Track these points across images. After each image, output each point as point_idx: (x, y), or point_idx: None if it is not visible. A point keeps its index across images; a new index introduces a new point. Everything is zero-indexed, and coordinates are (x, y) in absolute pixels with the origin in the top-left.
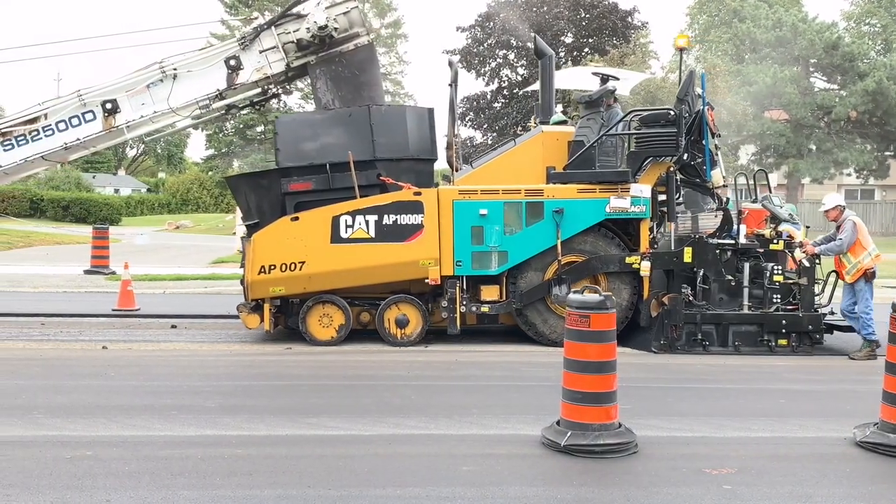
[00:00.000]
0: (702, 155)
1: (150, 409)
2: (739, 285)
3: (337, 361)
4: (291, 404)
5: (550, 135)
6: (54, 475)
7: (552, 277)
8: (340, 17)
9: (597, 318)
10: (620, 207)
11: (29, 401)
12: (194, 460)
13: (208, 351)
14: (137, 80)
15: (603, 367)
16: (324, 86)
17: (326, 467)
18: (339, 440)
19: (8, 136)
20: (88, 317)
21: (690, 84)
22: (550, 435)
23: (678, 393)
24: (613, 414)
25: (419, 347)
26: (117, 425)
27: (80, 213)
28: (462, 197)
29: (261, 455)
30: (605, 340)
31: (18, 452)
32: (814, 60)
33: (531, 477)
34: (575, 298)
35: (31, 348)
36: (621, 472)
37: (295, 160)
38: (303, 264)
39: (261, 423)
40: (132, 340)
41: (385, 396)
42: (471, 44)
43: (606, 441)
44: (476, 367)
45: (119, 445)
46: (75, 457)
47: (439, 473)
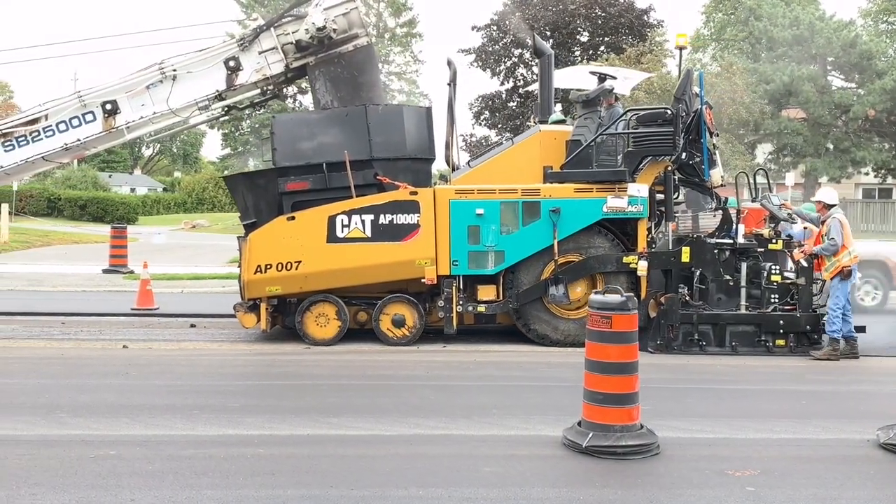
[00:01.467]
0: (700, 154)
1: (172, 409)
2: (737, 285)
3: (356, 361)
4: (312, 404)
5: (548, 134)
6: (79, 474)
7: (549, 277)
8: (339, 18)
9: (618, 318)
10: (618, 207)
11: (52, 400)
12: (217, 460)
13: (228, 350)
14: (137, 80)
15: (625, 369)
16: (323, 87)
17: (348, 467)
18: (359, 440)
19: (9, 136)
20: (108, 316)
21: (688, 83)
22: (572, 436)
23: (697, 394)
24: (635, 415)
25: (437, 347)
26: (140, 425)
27: (96, 213)
28: (458, 196)
29: (283, 455)
30: (627, 341)
31: (43, 451)
32: (831, 59)
33: (553, 478)
34: (596, 299)
35: (52, 347)
36: (644, 473)
37: (292, 159)
38: (299, 264)
39: (283, 423)
40: (152, 340)
41: (405, 396)
42: (486, 42)
43: (628, 442)
44: (494, 368)
45: (142, 445)
46: (99, 456)
47: (461, 474)
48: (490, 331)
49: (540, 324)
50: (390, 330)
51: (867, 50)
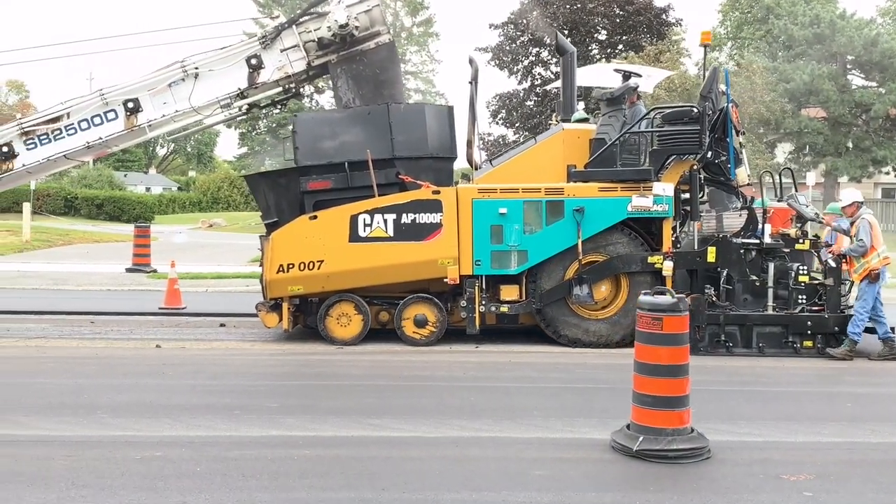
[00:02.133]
0: (726, 153)
1: (212, 409)
2: (764, 286)
3: (390, 362)
4: (352, 405)
5: (571, 133)
6: (126, 476)
7: (572, 277)
8: (362, 15)
9: (669, 320)
10: (642, 206)
11: (91, 400)
12: (264, 461)
13: (260, 350)
14: (159, 79)
15: (676, 371)
16: (344, 84)
17: (397, 470)
18: (404, 442)
19: (31, 134)
20: (136, 315)
21: (714, 81)
22: (621, 439)
23: (739, 396)
24: (686, 418)
25: (469, 347)
26: (182, 425)
27: (113, 212)
28: (481, 195)
29: (330, 456)
30: (678, 343)
31: (88, 452)
32: (851, 57)
33: (606, 482)
34: (647, 300)
35: (85, 346)
36: (697, 478)
37: (314, 159)
38: (321, 263)
39: (325, 424)
40: (184, 339)
41: (444, 398)
42: (503, 41)
43: (680, 446)
44: (530, 369)
45: (186, 446)
46: (145, 457)
47: (512, 478)
48: (514, 331)
49: (570, 328)
50: (412, 330)
51: (889, 48)
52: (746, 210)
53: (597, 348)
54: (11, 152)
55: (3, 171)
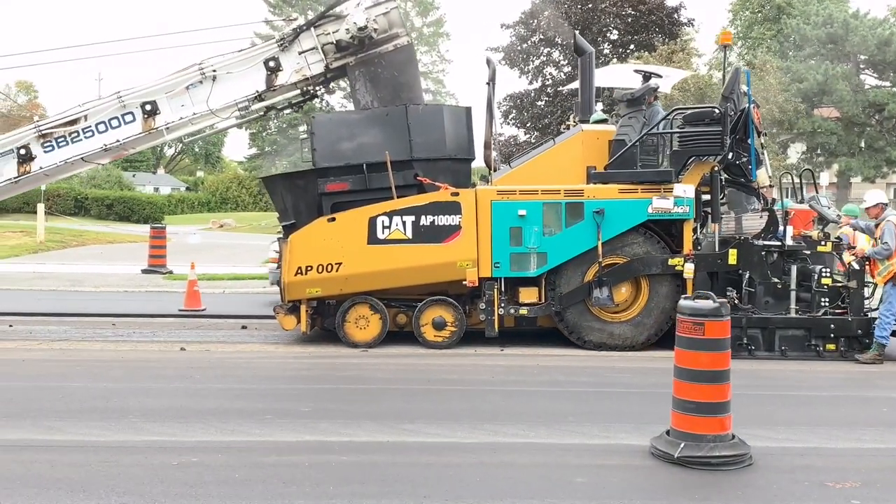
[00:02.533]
0: (746, 154)
1: (244, 414)
2: (786, 288)
3: (417, 365)
4: (384, 409)
5: (590, 134)
6: (166, 482)
7: (592, 279)
8: (380, 17)
9: (711, 325)
10: (663, 208)
11: (121, 404)
12: (303, 468)
13: (285, 353)
14: (177, 81)
15: (717, 377)
16: (363, 87)
17: (437, 476)
18: (441, 447)
19: (49, 137)
20: (157, 317)
21: (736, 82)
22: (662, 445)
23: (774, 401)
24: (728, 424)
25: (494, 350)
26: (216, 430)
27: (123, 212)
28: (500, 197)
29: (368, 462)
30: (720, 349)
31: (125, 458)
32: (864, 57)
33: (649, 490)
34: (687, 305)
35: (109, 349)
36: (741, 485)
37: (332, 160)
38: (339, 265)
39: (359, 429)
40: (207, 342)
41: (476, 402)
42: (514, 41)
43: (722, 453)
44: (559, 373)
45: (223, 451)
46: (182, 463)
47: (554, 485)
48: (533, 333)
49: (594, 333)
50: (431, 333)
51: None
52: (767, 212)
53: (622, 351)
54: (29, 155)
55: (21, 173)
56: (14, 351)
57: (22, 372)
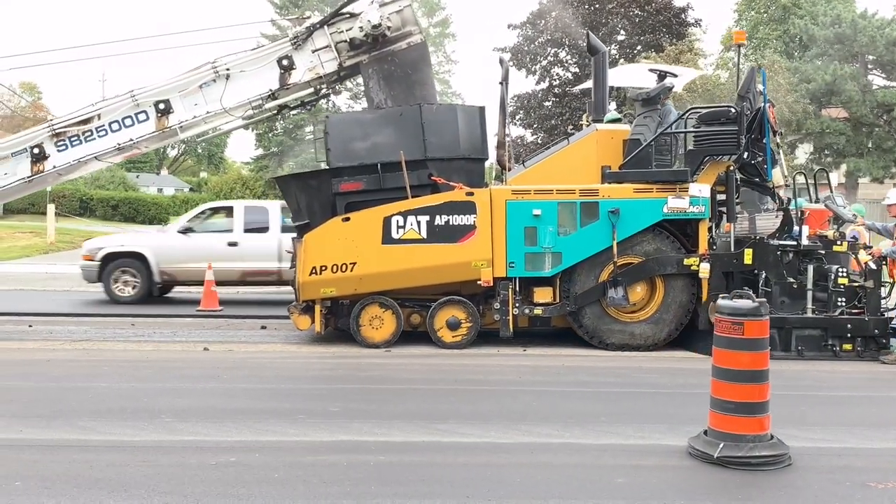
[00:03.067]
0: (761, 154)
1: (275, 414)
2: (802, 288)
3: (441, 365)
4: (415, 409)
5: (605, 133)
6: (206, 483)
7: (607, 279)
8: (394, 15)
9: (751, 325)
10: (679, 208)
11: (151, 404)
12: (342, 467)
13: (308, 353)
14: (190, 80)
15: (757, 377)
16: (376, 85)
17: (477, 476)
18: (477, 448)
19: (62, 136)
20: (175, 317)
21: (752, 81)
22: (700, 446)
23: (805, 401)
24: (767, 425)
25: (517, 350)
26: (249, 430)
27: (128, 213)
28: (515, 197)
29: (406, 463)
30: (759, 348)
31: (161, 459)
32: (872, 57)
33: (690, 490)
34: (726, 304)
35: (132, 349)
36: (782, 486)
37: (346, 160)
38: (354, 265)
39: (392, 429)
40: (229, 342)
41: (506, 403)
42: (522, 41)
43: (762, 453)
44: (585, 373)
45: (259, 451)
46: (220, 463)
47: (595, 485)
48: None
49: (615, 336)
50: (445, 333)
51: None
52: (782, 211)
53: (645, 351)
54: (42, 154)
55: (35, 172)
56: (37, 351)
57: (48, 372)
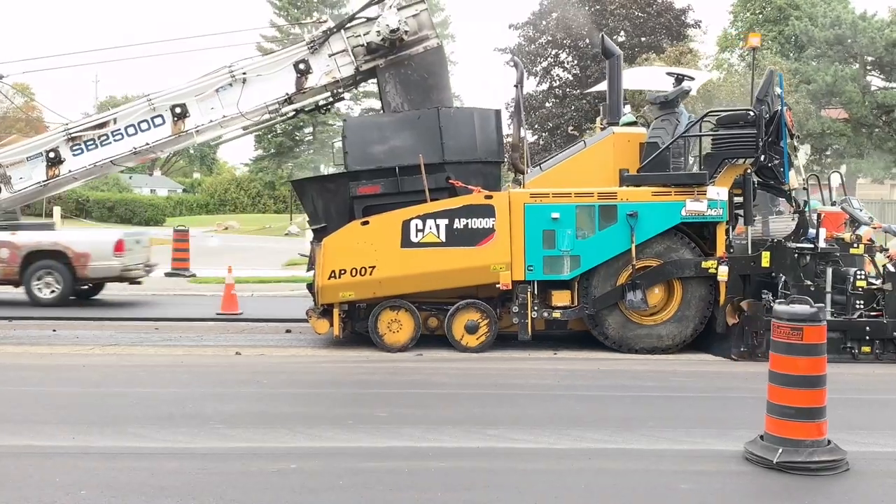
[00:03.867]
0: (778, 157)
1: (324, 419)
2: (820, 291)
3: (477, 369)
4: (461, 414)
5: (622, 136)
6: (273, 489)
7: (626, 282)
8: (410, 19)
9: (810, 330)
10: (697, 211)
11: (198, 410)
12: (403, 474)
13: (342, 357)
14: (207, 84)
15: (815, 382)
16: (393, 89)
17: (541, 482)
18: (533, 453)
19: (78, 140)
20: (197, 321)
21: (770, 84)
22: (758, 451)
23: (847, 405)
24: (824, 430)
25: (548, 354)
26: (303, 436)
27: (125, 214)
28: (534, 200)
29: (466, 468)
30: (818, 353)
31: (222, 466)
32: (871, 58)
33: (755, 495)
34: (784, 310)
35: (163, 354)
36: (846, 491)
37: (363, 163)
38: (373, 269)
39: (444, 435)
40: (259, 346)
41: (551, 407)
42: (523, 42)
43: (821, 458)
44: (622, 377)
45: (316, 457)
46: (281, 470)
47: (662, 492)
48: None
49: (616, 330)
50: (464, 336)
51: None
52: (798, 214)
53: (674, 352)
54: (58, 158)
55: (50, 176)
56: (70, 356)
57: (88, 378)
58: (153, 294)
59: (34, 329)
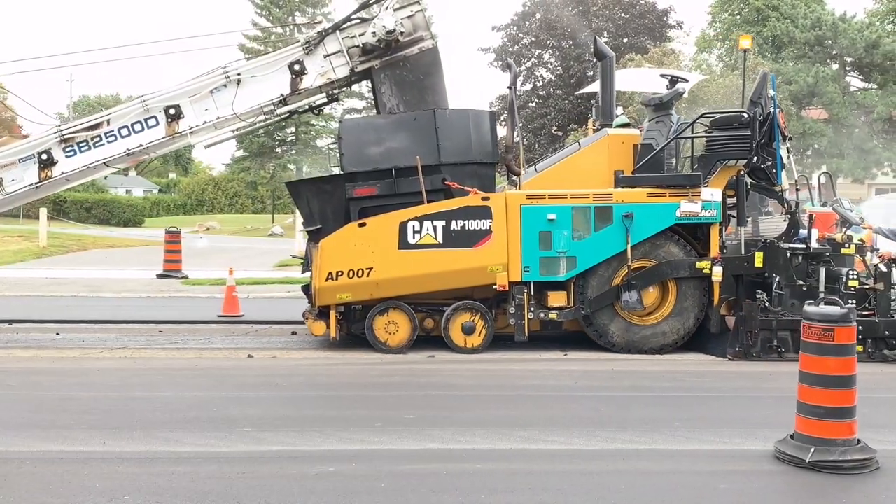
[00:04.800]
0: (771, 158)
1: (353, 422)
2: (812, 291)
3: (493, 371)
4: (487, 416)
5: (616, 137)
6: (315, 493)
7: (621, 283)
8: (406, 20)
9: (841, 331)
10: (691, 212)
11: (223, 413)
12: (443, 476)
13: (356, 359)
14: (201, 85)
15: (846, 382)
16: (388, 90)
17: (581, 484)
18: (566, 455)
19: (70, 142)
20: (200, 323)
21: (764, 86)
22: (790, 450)
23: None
24: (854, 429)
25: (558, 355)
26: (334, 439)
27: (103, 215)
28: (530, 202)
29: (503, 471)
30: (848, 354)
31: (260, 469)
32: (850, 59)
33: (793, 494)
34: (815, 311)
35: (175, 357)
36: (882, 489)
37: (359, 165)
38: (370, 270)
39: (475, 437)
40: (269, 348)
41: (574, 409)
42: (506, 43)
43: (853, 457)
44: (639, 377)
45: (352, 460)
46: (320, 474)
47: (701, 492)
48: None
49: (612, 330)
50: (461, 337)
51: (890, 51)
52: (790, 215)
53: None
54: (51, 159)
55: (43, 178)
56: (82, 360)
57: (104, 382)
58: (147, 296)
59: (36, 333)
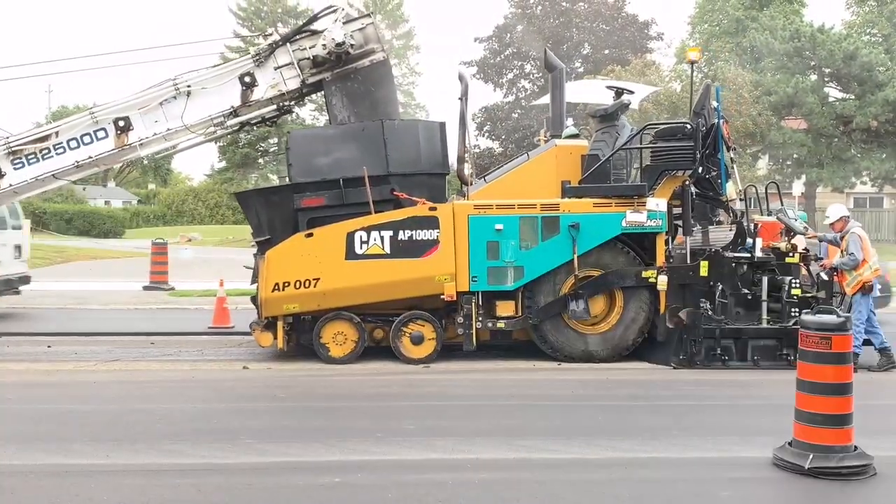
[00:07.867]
0: (716, 168)
1: (353, 432)
2: (756, 299)
3: (488, 381)
4: (488, 426)
5: (564, 148)
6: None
7: (568, 292)
8: (356, 33)
9: (838, 339)
10: (637, 222)
11: (224, 424)
12: (449, 486)
13: (351, 370)
14: (150, 97)
15: (843, 389)
16: (339, 102)
17: (587, 492)
18: (569, 464)
19: (19, 154)
20: (191, 335)
21: (706, 98)
22: (789, 457)
23: None
24: (851, 436)
25: (552, 365)
26: (337, 450)
27: (83, 226)
28: (478, 212)
29: (511, 480)
30: (845, 362)
31: (266, 480)
32: (828, 70)
33: (795, 501)
34: (812, 320)
35: (170, 369)
36: (881, 495)
37: (308, 175)
38: (317, 281)
39: (478, 447)
40: (262, 359)
41: (574, 418)
42: (488, 55)
43: (851, 463)
44: (634, 387)
45: (362, 471)
46: (326, 484)
47: (704, 500)
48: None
49: (559, 339)
50: (410, 347)
51: (868, 62)
52: (736, 224)
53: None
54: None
55: None
56: (76, 373)
57: (101, 394)
58: (135, 308)
59: (27, 346)
